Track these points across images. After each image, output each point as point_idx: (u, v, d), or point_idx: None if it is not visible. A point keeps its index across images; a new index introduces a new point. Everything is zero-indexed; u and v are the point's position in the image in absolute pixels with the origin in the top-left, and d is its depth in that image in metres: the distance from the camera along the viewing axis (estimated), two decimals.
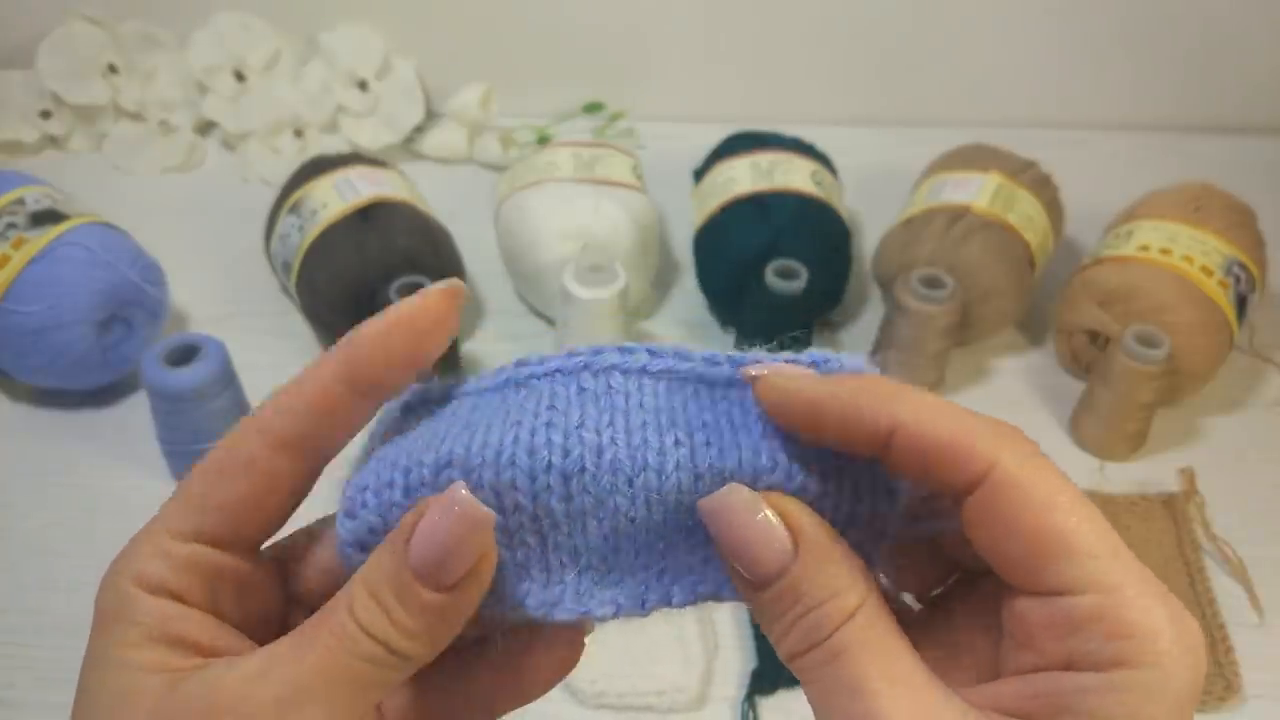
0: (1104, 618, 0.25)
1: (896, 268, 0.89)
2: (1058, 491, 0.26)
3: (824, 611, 0.26)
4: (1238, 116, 1.20)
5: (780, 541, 0.27)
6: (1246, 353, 0.91)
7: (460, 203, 1.01)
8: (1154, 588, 0.25)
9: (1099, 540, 0.26)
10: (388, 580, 0.27)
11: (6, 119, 1.11)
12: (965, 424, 0.26)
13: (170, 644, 0.28)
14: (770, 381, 0.28)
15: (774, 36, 1.17)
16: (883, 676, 0.26)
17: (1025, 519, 0.26)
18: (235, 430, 0.29)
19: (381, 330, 0.29)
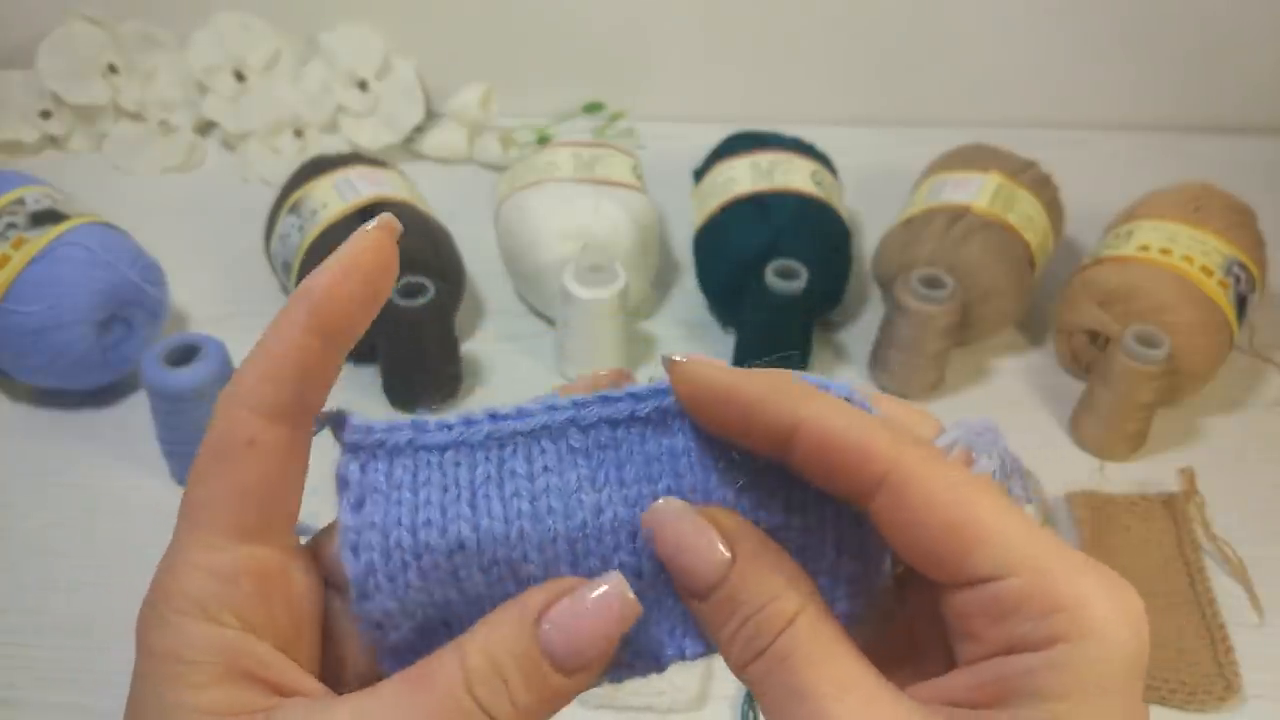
0: (1033, 596, 0.25)
1: (896, 268, 0.89)
2: (961, 483, 0.26)
3: (764, 617, 0.27)
4: (1238, 116, 1.20)
5: (715, 550, 0.27)
6: (1246, 353, 0.91)
7: (460, 203, 1.01)
8: (1079, 561, 0.26)
9: (1012, 524, 0.26)
10: (515, 659, 0.26)
11: (6, 119, 1.11)
12: (867, 426, 0.27)
13: (239, 682, 0.26)
14: (684, 368, 0.29)
15: (774, 36, 1.17)
16: (829, 680, 0.26)
17: (933, 514, 0.26)
18: (221, 414, 0.27)
19: (337, 276, 0.28)
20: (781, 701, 0.26)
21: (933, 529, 0.26)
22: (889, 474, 0.26)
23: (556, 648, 0.26)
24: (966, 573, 0.26)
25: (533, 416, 0.29)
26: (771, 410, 0.27)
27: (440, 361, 0.84)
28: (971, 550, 0.26)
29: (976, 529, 0.26)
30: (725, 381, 0.28)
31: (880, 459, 0.26)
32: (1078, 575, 0.25)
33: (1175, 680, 0.68)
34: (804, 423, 0.27)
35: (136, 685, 0.27)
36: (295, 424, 0.28)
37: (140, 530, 0.74)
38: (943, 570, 0.26)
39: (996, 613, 0.25)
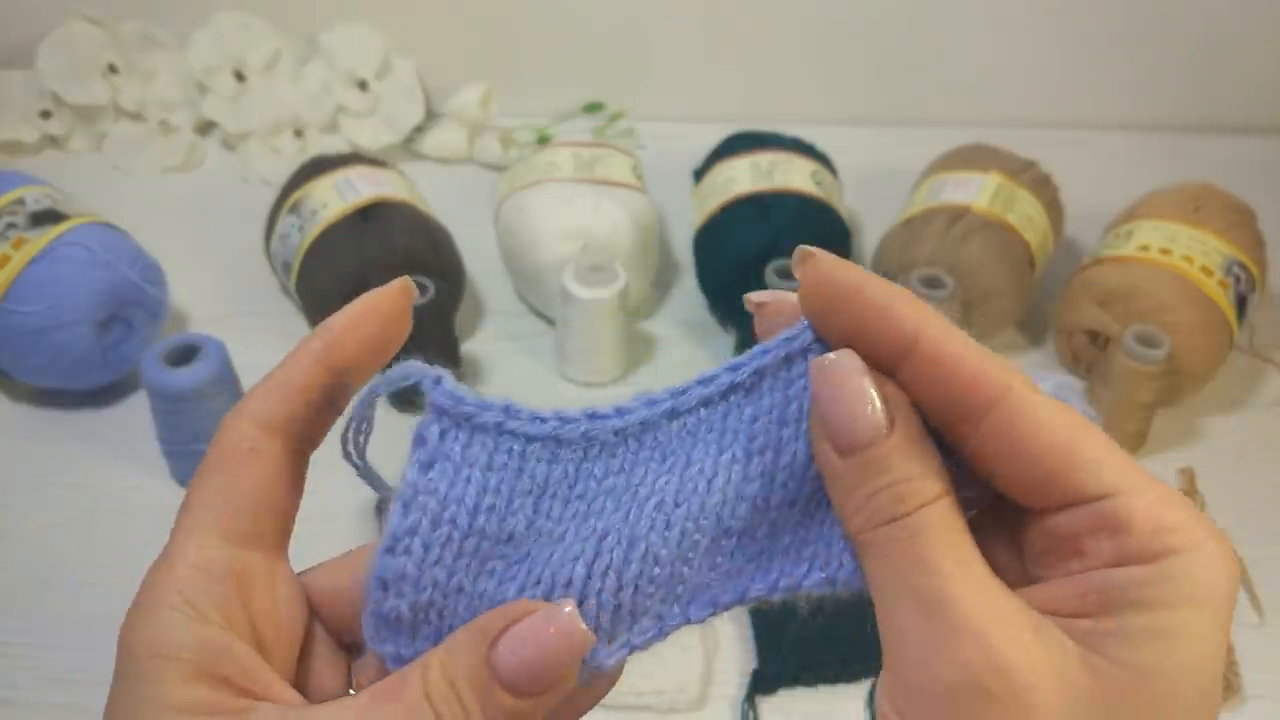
0: (1143, 512, 0.26)
1: (896, 268, 0.89)
2: (1069, 412, 0.27)
3: (910, 488, 0.27)
4: (1238, 116, 1.20)
5: (878, 413, 0.27)
6: (1246, 353, 0.91)
7: (460, 203, 1.01)
8: (1172, 491, 0.27)
9: (1115, 452, 0.27)
10: (468, 680, 0.27)
11: (6, 119, 1.11)
12: (983, 351, 0.27)
13: (214, 683, 0.27)
14: (817, 261, 0.29)
15: (774, 36, 1.17)
16: (957, 560, 0.26)
17: (1046, 433, 0.27)
18: (226, 424, 0.29)
19: (354, 318, 0.30)
20: (901, 567, 0.26)
21: (1043, 449, 0.27)
22: (1003, 396, 0.27)
23: (506, 672, 0.27)
24: (1075, 491, 0.26)
25: (631, 414, 0.30)
26: (897, 317, 0.27)
27: (440, 361, 0.83)
28: (1081, 468, 0.26)
29: (1087, 450, 0.27)
30: (855, 280, 0.28)
31: (996, 381, 0.27)
32: (1179, 503, 0.26)
33: None
34: (926, 335, 0.27)
35: (114, 686, 0.27)
36: (293, 443, 0.30)
37: (140, 530, 0.74)
38: (1049, 490, 0.27)
39: (1107, 528, 0.26)
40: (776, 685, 0.67)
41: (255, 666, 0.27)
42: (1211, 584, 0.25)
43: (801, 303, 0.29)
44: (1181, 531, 0.26)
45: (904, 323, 0.27)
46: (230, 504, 0.28)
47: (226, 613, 0.28)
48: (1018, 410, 0.27)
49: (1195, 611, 0.25)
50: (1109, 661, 0.25)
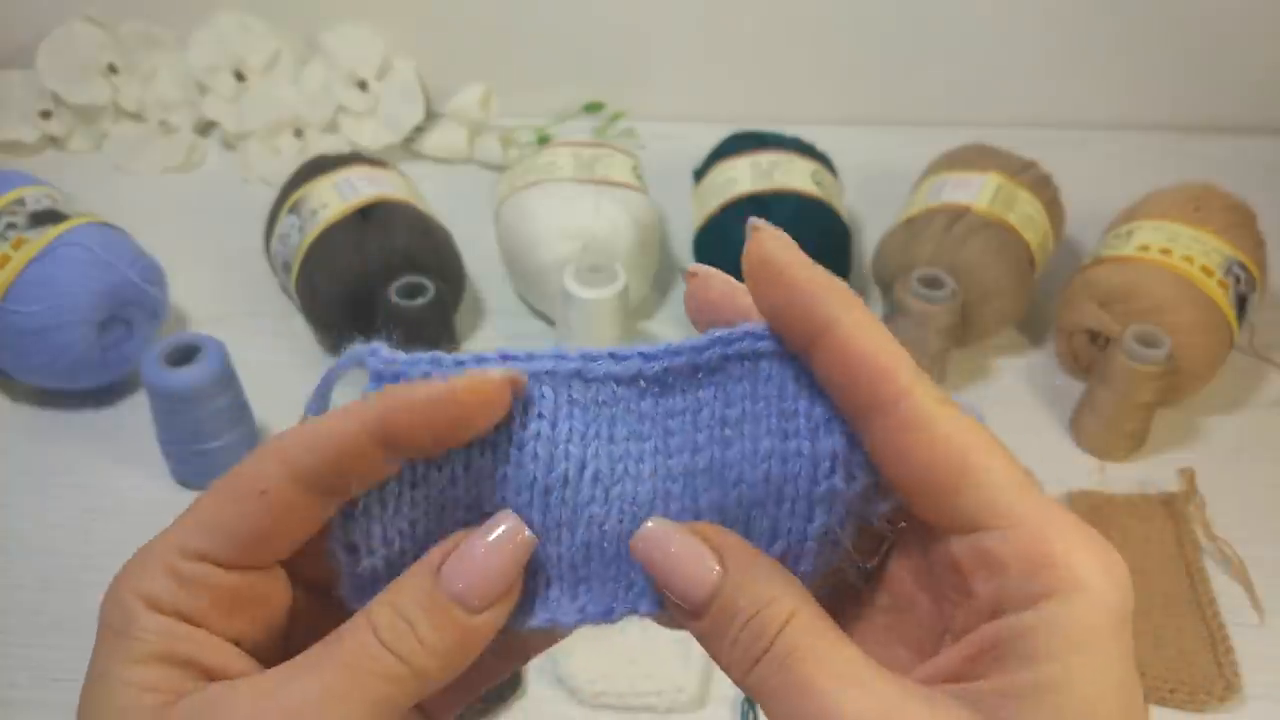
0: (1023, 551, 0.25)
1: (896, 268, 0.89)
2: (968, 429, 0.27)
3: (762, 620, 0.27)
4: (1238, 116, 1.20)
5: (706, 562, 0.28)
6: (1246, 353, 0.91)
7: (460, 203, 1.01)
8: (1067, 518, 0.26)
9: (1005, 473, 0.26)
10: (418, 604, 0.27)
11: (6, 119, 1.11)
12: (896, 355, 0.27)
13: (173, 664, 0.27)
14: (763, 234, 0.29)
15: (774, 36, 1.17)
16: (832, 674, 0.26)
17: (935, 446, 0.26)
18: (257, 455, 0.28)
19: (429, 400, 0.28)
20: (786, 701, 0.26)
21: (931, 461, 0.26)
22: (905, 397, 0.27)
23: (457, 588, 0.27)
24: (957, 515, 0.26)
25: (539, 360, 0.30)
26: (815, 300, 0.28)
27: None
28: (964, 489, 0.26)
29: (974, 470, 0.26)
30: (784, 258, 0.28)
31: (901, 381, 0.27)
32: (1063, 531, 0.26)
33: (1175, 680, 0.68)
34: (840, 323, 0.27)
35: (93, 654, 0.28)
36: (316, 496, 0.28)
37: (140, 530, 0.74)
38: (932, 507, 0.27)
39: (988, 568, 0.26)
40: None
41: (220, 650, 0.28)
42: (1094, 625, 0.25)
43: (745, 273, 0.30)
44: (1060, 569, 0.25)
45: (819, 307, 0.27)
46: (221, 535, 0.28)
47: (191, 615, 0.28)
48: (913, 415, 0.26)
49: (1081, 657, 0.24)
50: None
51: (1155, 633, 0.70)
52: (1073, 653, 0.24)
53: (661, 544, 0.28)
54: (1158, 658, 0.69)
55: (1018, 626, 0.25)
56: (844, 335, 0.27)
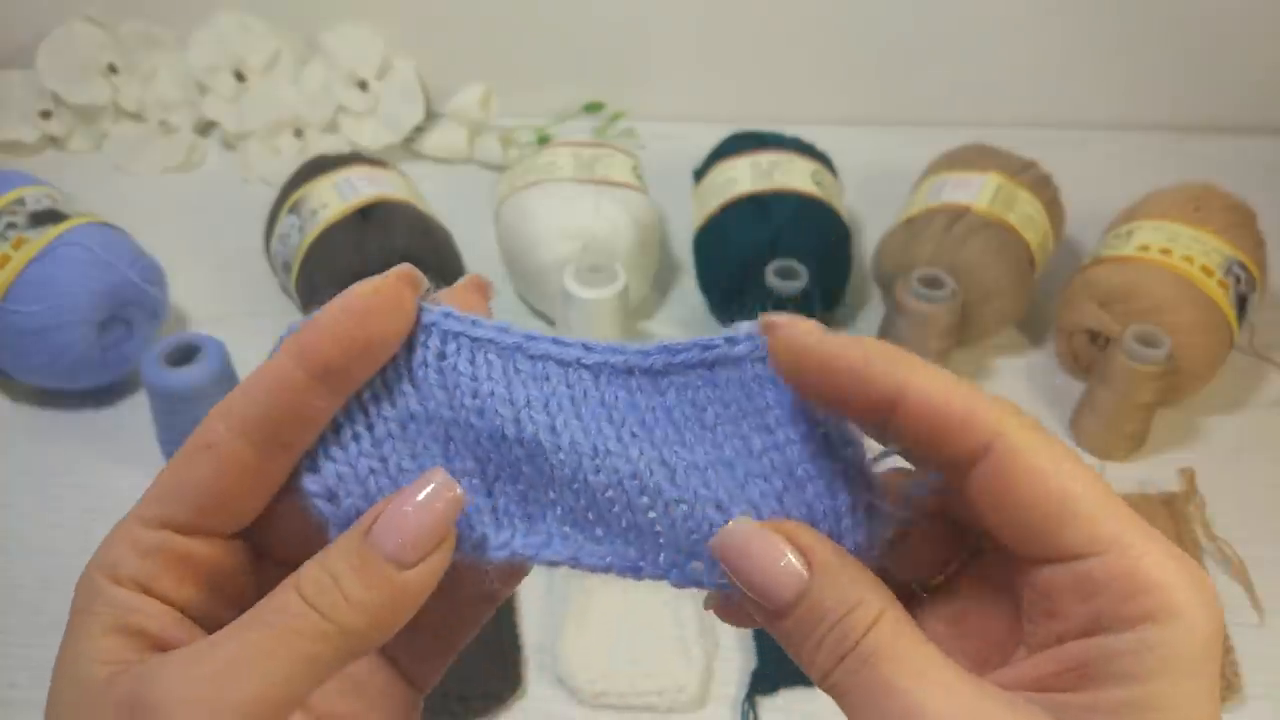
0: (1122, 575, 0.25)
1: (896, 268, 0.89)
2: (1062, 458, 0.26)
3: (849, 622, 0.27)
4: (1238, 116, 1.20)
5: (793, 566, 0.28)
6: (1246, 353, 0.91)
7: (460, 203, 1.01)
8: (1162, 543, 0.26)
9: (1106, 502, 0.26)
10: (345, 556, 0.27)
11: (6, 119, 1.11)
12: (970, 394, 0.27)
13: (125, 635, 0.27)
14: (786, 333, 0.28)
15: (774, 36, 1.17)
16: (916, 674, 0.26)
17: (1036, 484, 0.26)
18: (206, 417, 0.29)
19: (333, 315, 0.29)
20: (869, 700, 0.26)
21: (1034, 500, 0.26)
22: (994, 442, 0.26)
23: (387, 545, 0.27)
24: (1060, 548, 0.26)
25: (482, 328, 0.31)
26: (878, 376, 0.27)
27: None
28: (1068, 524, 0.26)
29: (1076, 504, 0.26)
30: (829, 348, 0.28)
31: (986, 427, 0.26)
32: (1164, 557, 0.26)
33: None
34: (910, 389, 0.27)
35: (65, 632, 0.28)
36: (266, 445, 0.29)
37: None
38: (1032, 542, 0.27)
39: (1085, 591, 0.26)
40: (776, 685, 0.67)
41: (169, 622, 0.28)
42: (1190, 654, 0.25)
43: (778, 370, 0.29)
44: (1159, 593, 0.25)
45: (885, 382, 0.27)
46: (174, 495, 0.28)
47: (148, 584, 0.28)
48: (1009, 458, 0.26)
49: (1173, 683, 0.25)
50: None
51: None
52: (1170, 675, 0.25)
53: (741, 543, 0.28)
54: None
55: (1114, 646, 0.25)
56: (918, 398, 0.27)
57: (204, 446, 0.28)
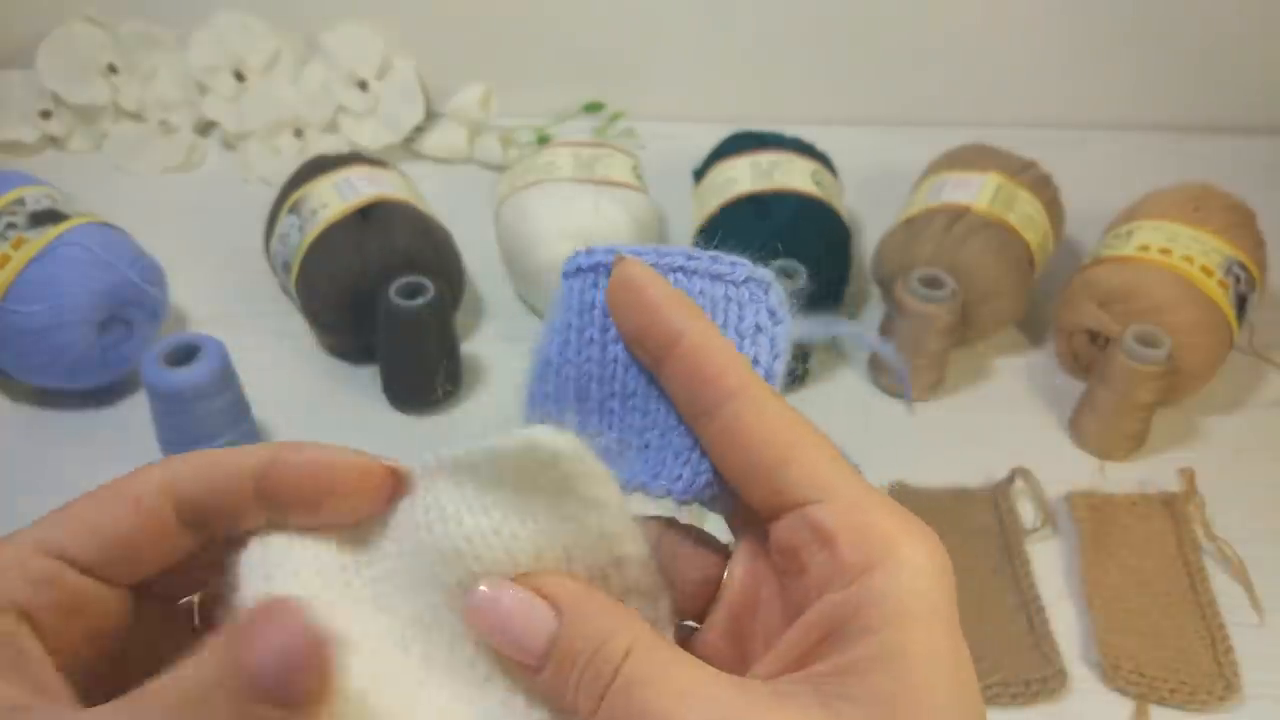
0: (847, 522, 0.27)
1: (896, 268, 0.89)
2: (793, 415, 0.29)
3: (602, 656, 0.27)
4: (1238, 117, 1.20)
5: (542, 613, 0.28)
6: (1246, 353, 0.91)
7: (460, 203, 1.01)
8: (881, 496, 0.28)
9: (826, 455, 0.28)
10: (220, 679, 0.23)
11: (6, 119, 1.11)
12: (735, 358, 0.30)
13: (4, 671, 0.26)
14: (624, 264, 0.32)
15: (774, 36, 1.17)
16: (677, 694, 0.26)
17: (765, 430, 0.29)
18: (144, 467, 0.29)
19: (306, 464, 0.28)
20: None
21: (760, 442, 0.29)
22: (738, 392, 0.29)
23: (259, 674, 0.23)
24: (786, 491, 0.28)
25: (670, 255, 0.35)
26: (667, 315, 0.31)
27: (440, 361, 0.84)
28: (792, 465, 0.28)
29: (802, 450, 0.28)
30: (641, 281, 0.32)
31: (736, 378, 0.30)
32: (880, 505, 0.27)
33: (1175, 680, 0.68)
34: (688, 334, 0.30)
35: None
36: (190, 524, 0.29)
37: None
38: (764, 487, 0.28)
39: (815, 540, 0.27)
40: None
41: (39, 662, 0.27)
42: (919, 592, 0.26)
43: (606, 298, 0.32)
44: (878, 540, 0.26)
45: (671, 321, 0.31)
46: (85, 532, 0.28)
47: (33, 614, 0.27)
48: (745, 406, 0.29)
49: (911, 626, 0.25)
50: (851, 702, 0.25)
51: (1155, 632, 0.70)
52: (904, 621, 0.25)
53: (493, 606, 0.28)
54: (1158, 657, 0.69)
55: (850, 602, 0.26)
56: (690, 343, 0.30)
57: (132, 498, 0.28)
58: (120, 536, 0.28)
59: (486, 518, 0.29)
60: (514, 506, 0.29)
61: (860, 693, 0.25)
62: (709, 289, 0.33)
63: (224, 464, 0.29)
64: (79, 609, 0.28)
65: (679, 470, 0.31)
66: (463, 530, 0.29)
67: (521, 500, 0.29)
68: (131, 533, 0.28)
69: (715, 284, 0.34)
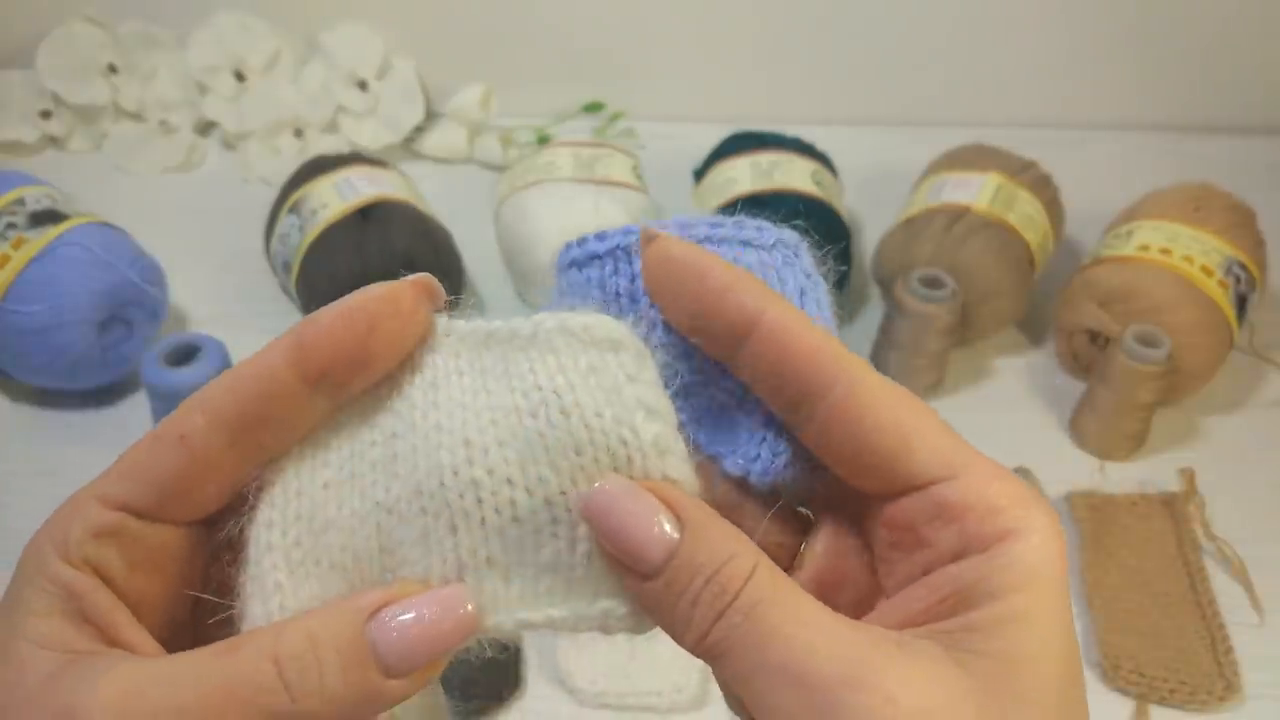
0: (979, 498, 0.27)
1: (896, 268, 0.89)
2: (905, 394, 0.28)
3: (725, 575, 0.26)
4: (1238, 117, 1.20)
5: (664, 524, 0.27)
6: (1246, 353, 0.91)
7: (460, 203, 1.01)
8: (1004, 469, 0.28)
9: (948, 431, 0.28)
10: (336, 645, 0.26)
11: (6, 119, 1.11)
12: (822, 334, 0.28)
13: (73, 621, 0.26)
14: (663, 241, 0.29)
15: (774, 36, 1.17)
16: (802, 621, 0.26)
17: (884, 412, 0.27)
18: (182, 404, 0.28)
19: (335, 319, 0.27)
20: (754, 651, 0.26)
21: (878, 427, 0.27)
22: (841, 374, 0.27)
23: (382, 646, 0.26)
24: (910, 473, 0.27)
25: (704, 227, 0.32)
26: (740, 295, 0.28)
27: None
28: (915, 448, 0.27)
29: (923, 432, 0.27)
30: (699, 261, 0.28)
31: (834, 362, 0.27)
32: (1008, 480, 0.27)
33: (1175, 680, 0.68)
34: (768, 314, 0.28)
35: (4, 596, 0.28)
36: (241, 440, 0.28)
37: None
38: (886, 471, 0.27)
39: (947, 515, 0.27)
40: None
41: (118, 614, 0.27)
42: (1048, 561, 0.26)
43: (647, 283, 0.29)
44: (1012, 511, 0.26)
45: (746, 301, 0.28)
46: (139, 483, 0.27)
47: (101, 566, 0.27)
48: (854, 389, 0.27)
49: (1037, 591, 0.26)
50: (977, 656, 0.26)
51: (1155, 632, 0.70)
52: (1033, 586, 0.26)
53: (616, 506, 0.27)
54: (1158, 657, 0.69)
55: (981, 566, 0.26)
56: (775, 323, 0.27)
57: (177, 437, 0.27)
58: (175, 477, 0.27)
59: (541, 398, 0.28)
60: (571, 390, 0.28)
61: (986, 648, 0.25)
62: (742, 257, 0.31)
63: (253, 369, 0.28)
64: (149, 556, 0.28)
65: (755, 450, 0.30)
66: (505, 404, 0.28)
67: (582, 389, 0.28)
68: (186, 471, 0.27)
69: (747, 251, 0.31)
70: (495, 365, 0.29)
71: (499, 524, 0.28)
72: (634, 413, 0.28)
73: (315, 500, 0.28)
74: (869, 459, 0.27)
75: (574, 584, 0.29)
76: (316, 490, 0.29)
